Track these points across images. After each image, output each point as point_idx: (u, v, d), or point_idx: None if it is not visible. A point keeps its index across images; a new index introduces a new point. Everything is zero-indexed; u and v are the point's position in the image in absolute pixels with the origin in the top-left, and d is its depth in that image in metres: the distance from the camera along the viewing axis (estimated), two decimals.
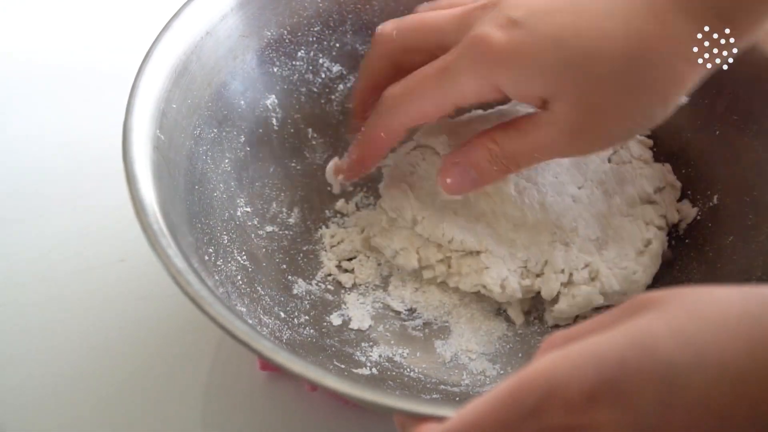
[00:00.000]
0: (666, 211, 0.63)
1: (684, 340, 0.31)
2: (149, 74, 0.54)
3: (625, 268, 0.59)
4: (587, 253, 0.60)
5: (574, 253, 0.60)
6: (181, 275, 0.44)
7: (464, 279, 0.61)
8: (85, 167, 0.75)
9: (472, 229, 0.61)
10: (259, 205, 0.64)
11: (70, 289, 0.67)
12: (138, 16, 0.89)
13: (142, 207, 0.47)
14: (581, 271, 0.59)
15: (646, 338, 0.32)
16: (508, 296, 0.60)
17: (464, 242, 0.61)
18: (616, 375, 0.31)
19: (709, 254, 0.60)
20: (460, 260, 0.62)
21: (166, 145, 0.53)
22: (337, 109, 0.70)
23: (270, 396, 0.60)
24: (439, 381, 0.59)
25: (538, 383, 0.33)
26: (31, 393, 0.60)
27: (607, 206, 0.63)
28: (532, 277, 0.61)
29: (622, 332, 0.33)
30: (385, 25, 0.60)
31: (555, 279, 0.60)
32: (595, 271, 0.59)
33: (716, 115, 0.62)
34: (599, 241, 0.61)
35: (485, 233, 0.61)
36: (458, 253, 0.62)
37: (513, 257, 0.61)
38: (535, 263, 0.61)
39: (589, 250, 0.60)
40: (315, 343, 0.58)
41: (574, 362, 0.32)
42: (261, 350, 0.43)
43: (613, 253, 0.61)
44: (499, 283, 0.60)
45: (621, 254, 0.60)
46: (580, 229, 0.61)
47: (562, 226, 0.61)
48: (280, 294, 0.60)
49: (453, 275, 0.62)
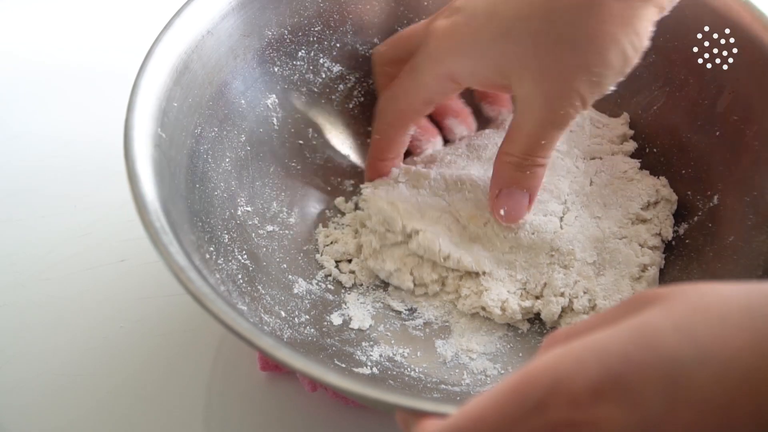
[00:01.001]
0: (660, 228, 0.63)
1: (688, 334, 0.31)
2: (150, 73, 0.54)
3: (621, 298, 0.59)
4: (585, 277, 0.60)
5: (573, 277, 0.60)
6: (183, 272, 0.44)
7: (463, 300, 0.62)
8: (86, 166, 0.75)
9: (468, 249, 0.61)
10: (259, 205, 0.64)
11: (70, 289, 0.66)
12: (139, 15, 0.89)
13: (143, 205, 0.47)
14: (581, 299, 0.60)
15: (650, 333, 0.32)
16: (508, 318, 0.61)
17: (461, 261, 0.61)
18: (620, 370, 0.31)
19: (710, 254, 0.60)
20: (458, 282, 0.62)
21: (167, 144, 0.53)
22: (337, 109, 0.71)
23: (270, 396, 0.60)
24: (439, 380, 0.59)
25: (542, 378, 0.32)
26: (31, 393, 0.60)
27: (599, 229, 0.62)
28: (532, 298, 0.61)
29: (626, 328, 0.33)
30: (378, 45, 0.66)
31: (555, 302, 0.60)
32: (593, 300, 0.60)
33: (716, 115, 0.62)
34: (596, 264, 0.61)
35: (482, 255, 0.62)
36: (455, 273, 0.62)
37: (512, 279, 0.61)
38: (535, 285, 0.61)
39: (587, 274, 0.60)
40: (315, 342, 0.58)
41: (578, 357, 0.32)
42: (263, 347, 0.43)
43: (610, 279, 0.61)
44: (500, 305, 0.60)
45: (617, 281, 0.61)
46: (577, 252, 0.61)
47: (559, 249, 0.61)
48: (281, 293, 0.60)
49: (449, 293, 0.62)
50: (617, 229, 0.62)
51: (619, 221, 0.63)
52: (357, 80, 0.71)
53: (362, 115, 0.72)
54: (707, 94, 0.63)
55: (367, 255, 0.64)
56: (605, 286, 0.60)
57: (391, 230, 0.62)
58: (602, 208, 0.64)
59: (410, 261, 0.62)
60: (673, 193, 0.65)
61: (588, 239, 0.62)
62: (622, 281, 0.60)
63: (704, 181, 0.63)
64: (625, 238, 0.62)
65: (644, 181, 0.65)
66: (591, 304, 0.59)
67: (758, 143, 0.59)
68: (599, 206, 0.64)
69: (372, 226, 0.63)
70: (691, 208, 0.63)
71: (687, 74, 0.64)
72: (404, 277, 0.62)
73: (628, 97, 0.68)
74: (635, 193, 0.64)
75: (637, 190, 0.64)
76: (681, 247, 0.62)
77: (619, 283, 0.60)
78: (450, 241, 0.61)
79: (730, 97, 0.61)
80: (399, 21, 0.70)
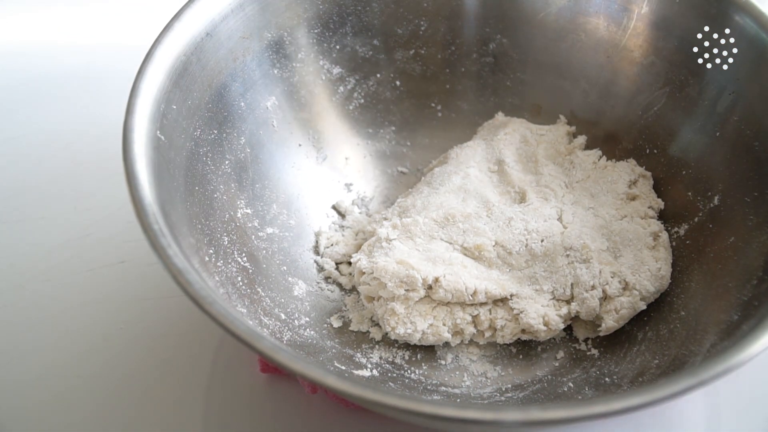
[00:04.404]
0: (649, 201, 0.65)
1: None
2: (149, 75, 0.54)
3: (648, 269, 0.60)
4: (607, 263, 0.60)
5: (595, 267, 0.60)
6: (182, 275, 0.44)
7: (500, 333, 0.60)
8: (86, 168, 0.76)
9: (488, 277, 0.60)
10: (259, 207, 0.63)
11: (70, 290, 0.66)
12: (139, 16, 0.89)
13: (142, 207, 0.47)
14: (612, 283, 0.59)
15: None
16: (553, 332, 0.60)
17: (488, 291, 0.59)
18: None
19: (710, 255, 0.60)
20: (489, 315, 0.60)
21: (166, 146, 0.53)
22: (337, 110, 0.71)
23: (270, 398, 0.60)
24: (439, 383, 0.59)
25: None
26: (31, 393, 0.60)
27: (599, 217, 0.63)
28: (564, 304, 0.60)
29: None
30: None
31: (591, 297, 0.59)
32: (623, 281, 0.60)
33: (716, 115, 0.62)
34: (610, 249, 0.62)
35: (503, 279, 0.61)
36: (484, 307, 0.60)
37: (539, 292, 0.60)
38: (563, 290, 0.60)
39: (608, 260, 0.61)
40: (315, 344, 0.58)
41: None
42: (263, 350, 0.43)
43: (630, 256, 0.61)
44: (542, 321, 0.59)
45: (637, 256, 0.61)
46: (590, 244, 0.61)
47: (572, 246, 0.61)
48: (281, 295, 0.60)
49: (484, 332, 0.60)
50: (614, 211, 0.64)
51: (613, 204, 0.64)
52: (357, 82, 0.71)
53: (362, 117, 0.72)
54: (707, 94, 0.63)
55: (393, 326, 0.59)
56: (629, 263, 0.60)
57: (412, 288, 0.58)
58: (591, 198, 0.65)
59: (440, 311, 0.59)
60: (645, 170, 0.67)
61: (593, 229, 0.62)
62: (641, 254, 0.61)
63: (704, 181, 0.62)
64: (626, 217, 0.63)
65: (617, 166, 0.67)
66: (623, 285, 0.59)
67: (758, 143, 0.58)
68: (588, 198, 0.65)
69: (389, 293, 0.59)
70: (692, 208, 0.63)
71: (687, 74, 0.64)
72: (440, 330, 0.59)
73: (629, 97, 0.68)
74: (615, 176, 0.66)
75: (616, 173, 0.66)
76: (682, 248, 0.62)
77: (639, 257, 0.61)
78: (470, 275, 0.59)
79: (731, 97, 0.61)
80: (399, 23, 0.70)
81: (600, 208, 0.64)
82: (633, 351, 0.58)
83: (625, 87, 0.68)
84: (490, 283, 0.59)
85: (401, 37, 0.71)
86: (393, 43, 0.71)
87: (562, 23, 0.69)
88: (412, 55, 0.72)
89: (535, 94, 0.73)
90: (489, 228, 0.62)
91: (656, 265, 0.60)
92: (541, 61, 0.71)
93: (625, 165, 0.67)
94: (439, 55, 0.72)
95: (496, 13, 0.70)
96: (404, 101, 0.73)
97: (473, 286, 0.58)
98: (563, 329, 0.61)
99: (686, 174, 0.64)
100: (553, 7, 0.69)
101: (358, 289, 0.62)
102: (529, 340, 0.61)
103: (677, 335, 0.56)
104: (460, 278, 0.58)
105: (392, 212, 0.65)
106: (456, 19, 0.71)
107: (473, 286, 0.58)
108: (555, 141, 0.70)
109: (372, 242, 0.62)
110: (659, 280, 0.60)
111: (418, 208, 0.64)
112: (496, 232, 0.61)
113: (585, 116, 0.71)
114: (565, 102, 0.72)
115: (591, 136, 0.71)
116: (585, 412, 0.40)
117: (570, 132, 0.71)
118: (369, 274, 0.60)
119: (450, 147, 0.71)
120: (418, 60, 0.72)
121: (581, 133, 0.71)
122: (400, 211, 0.65)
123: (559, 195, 0.65)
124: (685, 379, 0.42)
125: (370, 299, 0.61)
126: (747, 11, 0.60)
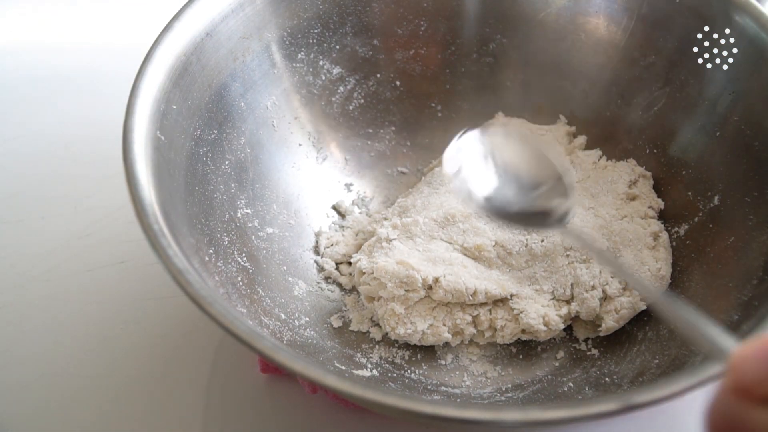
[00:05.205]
0: (649, 201, 0.65)
1: None
2: (150, 75, 0.54)
3: (648, 269, 0.60)
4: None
5: (596, 267, 0.60)
6: (182, 275, 0.44)
7: (501, 333, 0.60)
8: (86, 169, 0.75)
9: (488, 277, 0.60)
10: (259, 207, 0.64)
11: (70, 290, 0.66)
12: (139, 16, 0.89)
13: (142, 207, 0.47)
14: (612, 283, 0.60)
15: None
16: (553, 332, 0.60)
17: (488, 291, 0.59)
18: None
19: (710, 255, 0.60)
20: (489, 315, 0.60)
21: (166, 146, 0.53)
22: (337, 111, 0.71)
23: (270, 398, 0.60)
24: (439, 383, 0.59)
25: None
26: (31, 393, 0.60)
27: (599, 217, 0.63)
28: (564, 304, 0.61)
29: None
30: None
31: (591, 297, 0.59)
32: (623, 281, 0.59)
33: (716, 115, 0.62)
34: (611, 249, 0.62)
35: (503, 278, 0.61)
36: (484, 308, 0.60)
37: (539, 292, 0.61)
38: (563, 290, 0.60)
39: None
40: (315, 344, 0.58)
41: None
42: (263, 350, 0.42)
43: (630, 256, 0.61)
44: (542, 321, 0.59)
45: (637, 256, 0.61)
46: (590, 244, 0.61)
47: (572, 246, 0.61)
48: (281, 295, 0.60)
49: (484, 332, 0.60)
50: (615, 211, 0.64)
51: (613, 204, 0.64)
52: (357, 82, 0.71)
53: (362, 117, 0.72)
54: (707, 94, 0.63)
55: (392, 326, 0.59)
56: (629, 263, 0.60)
57: (412, 288, 0.59)
58: (592, 198, 0.65)
59: (440, 312, 0.59)
60: (645, 170, 0.67)
61: (593, 229, 0.62)
62: (641, 254, 0.61)
63: (704, 181, 0.62)
64: (626, 217, 0.63)
65: (617, 166, 0.67)
66: (623, 285, 0.59)
67: (758, 143, 0.58)
68: (588, 198, 0.65)
69: (389, 293, 0.59)
70: (692, 208, 0.63)
71: (687, 74, 0.64)
72: (440, 330, 0.59)
73: (629, 97, 0.68)
74: (615, 176, 0.66)
75: (616, 173, 0.66)
76: (682, 248, 0.62)
77: (640, 257, 0.61)
78: (470, 275, 0.59)
79: (731, 97, 0.61)
80: (399, 23, 0.70)
81: (600, 208, 0.64)
82: (633, 351, 0.58)
83: (625, 87, 0.68)
84: (490, 283, 0.59)
85: (401, 37, 0.71)
86: (393, 43, 0.71)
87: (562, 23, 0.69)
88: (412, 55, 0.72)
89: (535, 94, 0.73)
90: (489, 228, 0.62)
91: (656, 265, 0.60)
92: (541, 61, 0.71)
93: (625, 165, 0.67)
94: (439, 55, 0.72)
95: (496, 13, 0.70)
96: (404, 101, 0.73)
97: (473, 286, 0.58)
98: (563, 329, 0.61)
99: (686, 174, 0.64)
100: (553, 7, 0.69)
101: (358, 289, 0.62)
102: (529, 340, 0.61)
103: (677, 335, 0.56)
104: (460, 278, 0.58)
105: (392, 212, 0.65)
106: (456, 19, 0.71)
107: (473, 286, 0.58)
108: (555, 141, 0.70)
109: (372, 242, 0.62)
110: (659, 280, 0.60)
111: (418, 208, 0.64)
112: (496, 232, 0.61)
113: (585, 116, 0.71)
114: (565, 102, 0.72)
115: (591, 136, 0.71)
116: (585, 412, 0.40)
117: (570, 132, 0.71)
118: (369, 274, 0.60)
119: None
120: (418, 60, 0.72)
121: (581, 133, 0.71)
122: (400, 211, 0.65)
123: None
124: (685, 379, 0.42)
125: (370, 299, 0.61)
126: (747, 11, 0.59)
